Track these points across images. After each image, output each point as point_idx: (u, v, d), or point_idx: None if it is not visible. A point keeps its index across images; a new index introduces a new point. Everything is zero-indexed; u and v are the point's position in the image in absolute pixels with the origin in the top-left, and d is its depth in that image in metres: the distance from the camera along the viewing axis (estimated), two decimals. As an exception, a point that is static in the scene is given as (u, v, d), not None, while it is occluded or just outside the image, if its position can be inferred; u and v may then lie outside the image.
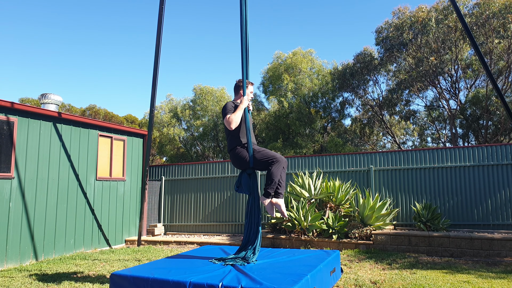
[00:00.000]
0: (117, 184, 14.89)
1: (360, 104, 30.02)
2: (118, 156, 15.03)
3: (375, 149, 31.75)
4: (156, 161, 39.01)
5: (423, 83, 25.59)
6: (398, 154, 14.15)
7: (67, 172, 12.86)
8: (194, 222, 16.44)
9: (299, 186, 13.39)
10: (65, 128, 12.91)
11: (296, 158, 15.49)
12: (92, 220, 13.68)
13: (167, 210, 16.92)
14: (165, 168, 17.33)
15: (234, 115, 5.93)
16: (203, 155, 33.84)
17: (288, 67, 30.62)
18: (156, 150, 34.73)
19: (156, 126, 32.62)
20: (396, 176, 14.00)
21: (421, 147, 31.44)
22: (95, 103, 46.33)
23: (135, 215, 15.60)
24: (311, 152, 28.01)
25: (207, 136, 32.84)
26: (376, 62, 26.53)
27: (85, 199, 13.43)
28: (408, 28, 24.13)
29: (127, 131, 15.50)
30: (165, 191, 17.06)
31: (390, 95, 27.29)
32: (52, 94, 14.23)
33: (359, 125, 30.44)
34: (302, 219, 12.24)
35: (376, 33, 26.18)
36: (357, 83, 27.42)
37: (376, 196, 12.66)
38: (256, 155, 6.02)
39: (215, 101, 32.34)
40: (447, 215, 13.18)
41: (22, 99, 38.41)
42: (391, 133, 29.33)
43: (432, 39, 23.37)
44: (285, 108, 28.70)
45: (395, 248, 11.38)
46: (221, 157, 33.55)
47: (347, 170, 14.61)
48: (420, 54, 24.11)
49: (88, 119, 13.75)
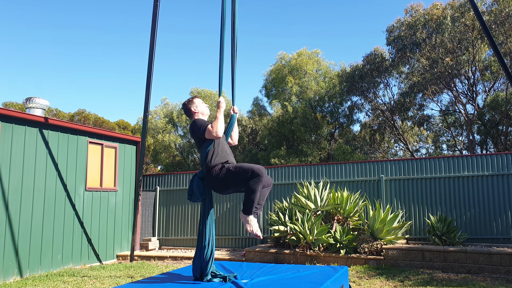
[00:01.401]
0: (108, 195, 14.91)
1: (370, 109, 30.07)
2: (109, 165, 15.05)
3: (386, 157, 31.74)
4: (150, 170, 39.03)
5: (437, 86, 25.62)
6: (410, 162, 14.15)
7: (54, 182, 12.88)
8: (191, 235, 16.44)
9: (304, 197, 13.39)
10: (52, 135, 12.94)
11: (301, 167, 15.50)
12: (81, 234, 13.68)
13: (162, 223, 16.92)
14: (160, 178, 17.35)
15: (216, 122, 5.49)
16: (201, 163, 33.83)
17: (292, 69, 30.69)
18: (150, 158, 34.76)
19: (150, 132, 32.66)
20: (408, 186, 14.00)
21: (435, 155, 31.44)
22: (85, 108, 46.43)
23: (128, 228, 15.60)
24: (317, 160, 28.01)
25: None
26: (387, 64, 26.57)
27: (73, 211, 13.44)
28: (422, 27, 24.20)
29: (119, 137, 15.53)
30: (160, 203, 17.07)
31: (402, 99, 27.32)
32: (38, 98, 14.26)
33: (369, 131, 30.45)
34: (307, 232, 12.25)
35: (387, 32, 26.26)
36: (367, 86, 27.45)
37: (387, 208, 12.66)
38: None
39: (214, 105, 32.38)
40: (464, 228, 13.17)
41: (5, 103, 38.49)
42: (404, 140, 29.32)
43: (447, 38, 23.41)
44: (289, 113, 28.74)
45: (408, 264, 11.37)
46: (220, 166, 33.51)
47: (356, 179, 14.62)
48: (434, 54, 24.15)
49: (77, 125, 13.78)
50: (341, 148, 26.68)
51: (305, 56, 30.84)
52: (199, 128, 5.57)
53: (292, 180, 15.42)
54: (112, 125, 41.93)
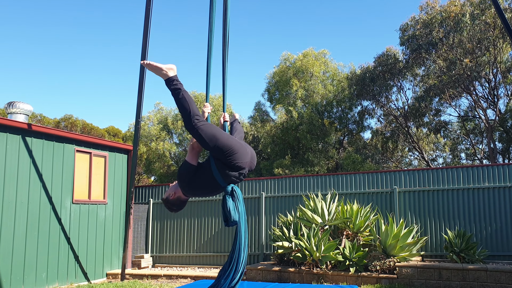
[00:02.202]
0: (97, 208, 14.93)
1: (382, 114, 30.11)
2: (98, 175, 15.08)
3: (399, 167, 31.77)
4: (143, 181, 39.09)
5: (455, 89, 25.66)
6: (426, 172, 14.18)
7: (38, 194, 12.91)
8: (187, 252, 16.46)
9: (310, 211, 13.41)
10: (36, 142, 12.98)
11: (307, 178, 15.52)
12: (67, 250, 13.70)
13: (155, 239, 16.94)
14: (153, 189, 17.38)
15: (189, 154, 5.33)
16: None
17: (297, 71, 30.76)
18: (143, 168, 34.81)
19: (142, 140, 32.71)
20: (424, 199, 14.02)
21: (453, 164, 31.45)
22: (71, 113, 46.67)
23: (118, 244, 15.62)
24: (325, 171, 28.04)
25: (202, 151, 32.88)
26: (400, 65, 26.62)
27: (59, 226, 13.47)
28: (438, 25, 24.27)
29: (109, 145, 15.57)
30: (154, 216, 17.10)
31: (417, 103, 27.34)
32: (20, 103, 14.32)
33: (381, 139, 30.50)
34: (314, 249, 12.26)
35: (401, 31, 26.32)
36: (379, 90, 27.50)
37: (400, 222, 12.67)
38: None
39: (213, 110, 32.44)
40: (484, 244, 13.18)
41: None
42: (419, 148, 29.35)
43: (466, 37, 23.47)
44: (294, 119, 28.80)
45: (423, 283, 11.38)
46: (219, 177, 33.55)
47: (366, 191, 14.64)
48: (452, 55, 24.21)
49: (63, 132, 13.83)
50: (351, 157, 26.71)
51: (312, 57, 30.91)
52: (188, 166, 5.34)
53: (297, 192, 15.44)
54: (102, 132, 42.02)
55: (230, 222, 5.33)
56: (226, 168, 5.10)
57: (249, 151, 5.29)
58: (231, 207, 5.28)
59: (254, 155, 5.42)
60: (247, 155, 5.22)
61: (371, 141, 31.24)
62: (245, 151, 5.20)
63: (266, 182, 15.92)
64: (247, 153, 5.23)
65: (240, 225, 5.37)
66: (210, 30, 6.34)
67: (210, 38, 6.31)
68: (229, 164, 5.08)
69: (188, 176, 5.19)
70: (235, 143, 5.17)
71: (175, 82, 5.11)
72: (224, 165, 5.10)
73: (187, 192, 5.30)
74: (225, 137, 5.13)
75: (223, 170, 5.12)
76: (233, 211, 5.30)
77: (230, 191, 5.27)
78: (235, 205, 5.32)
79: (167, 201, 5.39)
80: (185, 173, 5.21)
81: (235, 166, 5.09)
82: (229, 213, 5.28)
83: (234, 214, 5.30)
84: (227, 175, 5.13)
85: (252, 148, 5.44)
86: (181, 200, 5.37)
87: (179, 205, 5.41)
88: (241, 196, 5.32)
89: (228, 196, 5.27)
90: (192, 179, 5.19)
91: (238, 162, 5.09)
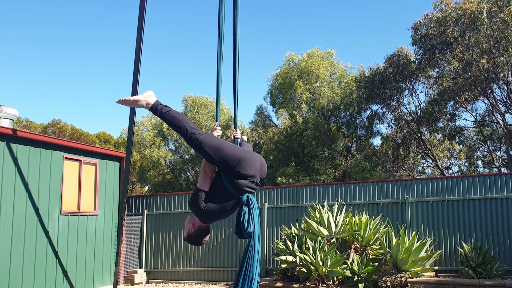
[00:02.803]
0: (87, 220, 14.93)
1: (393, 119, 30.12)
2: (88, 185, 15.09)
3: (411, 176, 31.77)
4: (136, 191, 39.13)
5: (472, 92, 25.67)
6: (440, 181, 14.18)
7: (24, 205, 12.90)
8: (184, 267, 16.45)
9: (316, 222, 13.41)
10: (21, 149, 12.98)
11: (313, 187, 15.53)
12: (55, 265, 13.69)
13: (150, 253, 16.94)
14: (147, 200, 17.38)
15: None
16: (195, 183, 33.90)
17: (302, 73, 30.78)
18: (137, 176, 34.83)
19: (136, 146, 32.73)
20: (438, 210, 14.02)
21: (469, 173, 31.45)
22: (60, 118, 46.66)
23: (110, 258, 15.61)
24: (331, 180, 28.05)
25: (200, 159, 32.88)
26: (413, 66, 26.64)
27: (47, 239, 13.46)
28: (453, 24, 24.28)
29: (100, 153, 15.58)
30: (148, 229, 17.10)
31: (430, 107, 27.35)
32: (5, 107, 14.35)
33: (392, 146, 30.50)
34: (319, 263, 12.26)
35: (413, 30, 26.32)
36: (389, 93, 27.50)
37: (413, 235, 12.67)
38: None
39: (210, 115, 32.48)
40: (503, 258, 13.17)
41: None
42: (432, 155, 29.35)
43: (483, 37, 23.48)
44: (299, 124, 28.81)
45: (438, 301, 11.38)
46: (218, 186, 33.54)
47: (376, 202, 14.64)
48: (468, 56, 24.22)
49: (50, 138, 13.85)
50: (359, 165, 26.72)
51: (317, 58, 30.93)
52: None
53: (302, 203, 15.44)
54: (92, 138, 42.09)
55: (245, 234, 5.36)
56: (235, 178, 5.15)
57: (257, 158, 5.36)
58: (246, 218, 5.32)
59: (263, 161, 5.47)
60: (256, 162, 5.28)
61: (381, 148, 31.25)
62: (252, 157, 5.26)
63: (269, 192, 15.92)
64: (255, 159, 5.29)
65: (255, 237, 5.38)
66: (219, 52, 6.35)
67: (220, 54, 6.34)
68: (238, 174, 5.13)
69: (202, 203, 5.21)
70: (240, 150, 5.25)
71: (160, 107, 5.20)
72: (232, 176, 5.15)
73: (206, 219, 5.32)
74: (229, 146, 5.21)
75: (232, 180, 5.16)
76: (249, 222, 5.33)
77: (246, 200, 5.29)
78: (251, 215, 5.35)
79: (190, 238, 5.43)
80: (199, 200, 5.22)
81: (243, 174, 5.14)
82: (245, 224, 5.32)
83: (250, 226, 5.34)
84: (239, 184, 5.17)
85: (260, 156, 5.50)
86: (203, 229, 5.40)
87: (203, 235, 5.43)
88: (257, 206, 5.36)
89: (244, 206, 5.31)
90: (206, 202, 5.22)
91: (246, 170, 5.15)
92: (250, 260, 5.36)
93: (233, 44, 6.57)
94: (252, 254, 5.36)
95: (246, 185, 5.19)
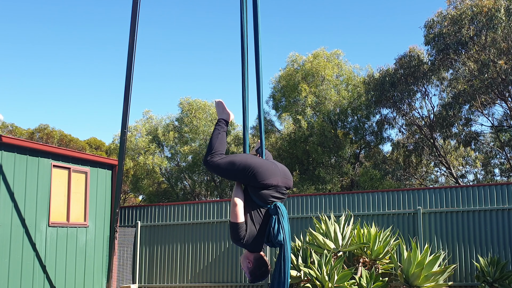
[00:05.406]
0: (77, 232, 14.94)
1: (404, 124, 30.11)
2: (78, 194, 15.09)
3: (424, 185, 31.76)
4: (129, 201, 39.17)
5: (488, 95, 25.68)
6: (455, 191, 14.19)
7: (9, 215, 12.90)
8: (180, 282, 16.45)
9: (321, 235, 13.41)
10: (6, 156, 12.99)
11: (318, 197, 15.53)
12: (43, 280, 13.70)
13: (144, 267, 16.94)
14: (141, 210, 17.39)
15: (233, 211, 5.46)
16: (192, 192, 33.95)
17: (307, 74, 30.80)
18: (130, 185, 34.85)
19: (129, 153, 32.72)
20: (452, 221, 14.02)
21: (486, 181, 31.43)
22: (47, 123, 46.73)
23: (101, 273, 15.62)
24: (338, 189, 28.06)
25: (197, 167, 32.91)
26: (425, 68, 26.66)
27: (34, 252, 13.47)
28: (469, 22, 24.30)
29: (91, 160, 15.59)
30: (142, 241, 17.10)
31: (444, 111, 27.34)
32: (-10, 111, 14.38)
33: (403, 152, 30.49)
34: (325, 278, 12.26)
35: (426, 29, 26.36)
36: (400, 96, 27.52)
37: (425, 248, 12.67)
38: None
39: (208, 119, 32.52)
40: (522, 273, 13.17)
41: (-51, 117, 38.71)
42: (446, 163, 29.35)
43: (500, 36, 23.51)
44: (303, 129, 28.84)
45: (452, 319, 11.39)
46: (217, 195, 33.61)
47: (386, 212, 14.64)
48: (484, 56, 24.25)
49: (38, 144, 13.88)
50: (368, 173, 26.72)
51: (323, 59, 30.96)
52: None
53: (306, 213, 15.45)
54: (82, 144, 42.16)
55: (276, 243, 5.46)
56: (258, 189, 5.34)
57: (278, 166, 5.58)
58: (276, 227, 5.42)
59: (285, 170, 5.68)
60: (276, 170, 5.47)
61: (391, 155, 31.26)
62: (270, 166, 5.45)
63: (271, 202, 15.89)
64: (275, 168, 5.49)
65: (286, 246, 5.47)
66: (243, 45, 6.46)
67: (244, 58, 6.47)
68: (259, 185, 5.32)
69: (243, 232, 5.34)
70: (255, 160, 5.46)
71: (223, 123, 5.82)
72: (255, 188, 5.35)
73: (253, 247, 5.45)
74: (241, 156, 5.49)
75: (256, 192, 5.35)
76: (279, 231, 5.43)
77: (274, 209, 5.40)
78: (281, 224, 5.43)
79: (254, 275, 5.52)
80: (239, 231, 5.34)
81: (265, 184, 5.32)
82: (275, 233, 5.42)
83: (280, 234, 5.43)
84: (262, 195, 5.35)
85: (283, 165, 5.73)
86: (258, 257, 5.50)
87: (261, 263, 5.51)
88: (286, 213, 5.45)
89: (273, 216, 5.42)
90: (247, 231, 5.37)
91: (266, 179, 5.33)
92: (284, 268, 5.46)
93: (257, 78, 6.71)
94: (287, 262, 5.46)
95: (270, 195, 5.36)
